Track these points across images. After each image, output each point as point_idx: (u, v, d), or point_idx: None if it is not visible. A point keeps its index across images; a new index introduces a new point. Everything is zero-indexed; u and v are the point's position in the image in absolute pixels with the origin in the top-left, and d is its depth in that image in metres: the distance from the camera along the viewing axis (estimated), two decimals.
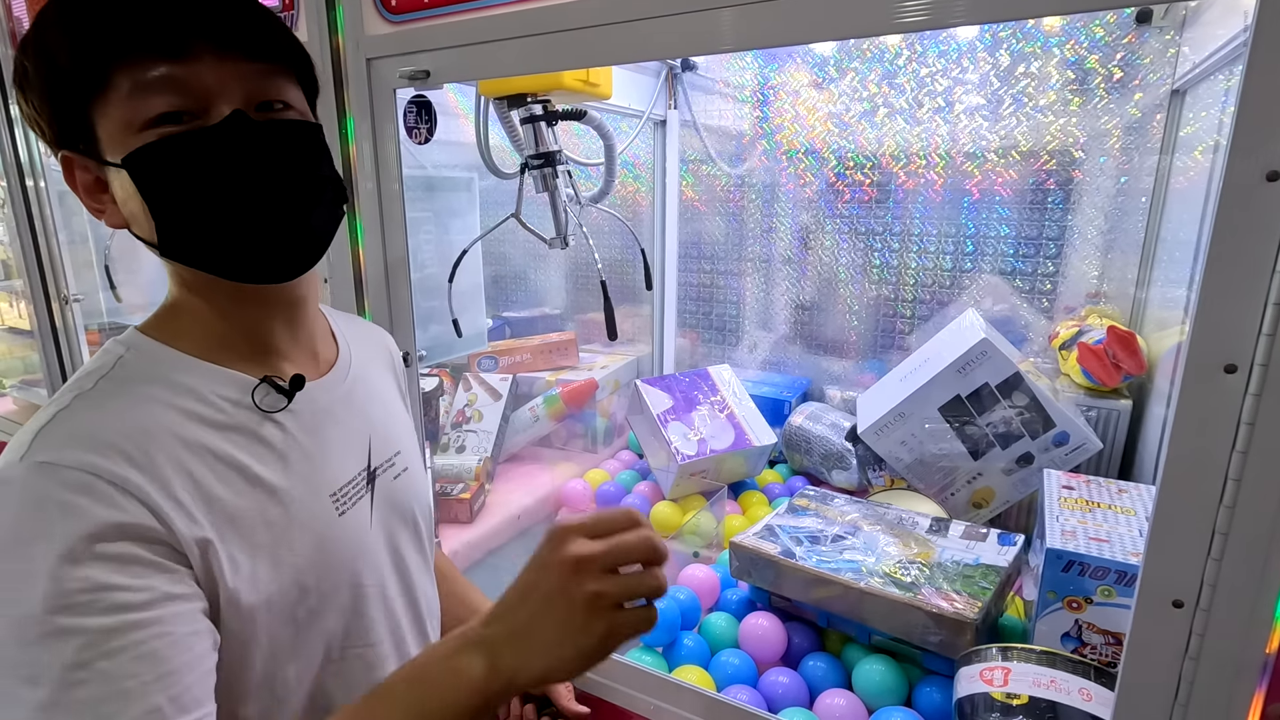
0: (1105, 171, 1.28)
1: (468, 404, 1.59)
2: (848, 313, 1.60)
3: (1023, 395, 1.11)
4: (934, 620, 0.86)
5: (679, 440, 1.42)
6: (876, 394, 1.33)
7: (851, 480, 1.42)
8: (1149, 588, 0.56)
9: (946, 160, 1.41)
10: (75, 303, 1.52)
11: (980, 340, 1.12)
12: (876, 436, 1.23)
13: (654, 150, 1.72)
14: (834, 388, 1.65)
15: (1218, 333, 0.50)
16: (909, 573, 0.93)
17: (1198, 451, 0.52)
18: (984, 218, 1.40)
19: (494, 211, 1.90)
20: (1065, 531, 0.84)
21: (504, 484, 1.54)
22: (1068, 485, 0.97)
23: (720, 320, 1.78)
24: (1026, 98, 1.31)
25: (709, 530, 1.32)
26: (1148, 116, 1.23)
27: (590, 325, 1.91)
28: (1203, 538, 0.53)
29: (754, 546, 1.02)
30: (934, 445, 1.19)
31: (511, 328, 1.89)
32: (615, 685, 0.91)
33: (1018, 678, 0.74)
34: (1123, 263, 1.30)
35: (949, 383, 1.15)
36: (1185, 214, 1.11)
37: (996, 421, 1.13)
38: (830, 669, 0.95)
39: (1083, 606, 0.81)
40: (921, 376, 1.19)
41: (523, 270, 1.94)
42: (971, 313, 1.27)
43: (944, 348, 1.21)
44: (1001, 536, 1.01)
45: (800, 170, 1.58)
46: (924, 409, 1.18)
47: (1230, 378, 0.50)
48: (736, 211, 1.68)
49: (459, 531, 1.35)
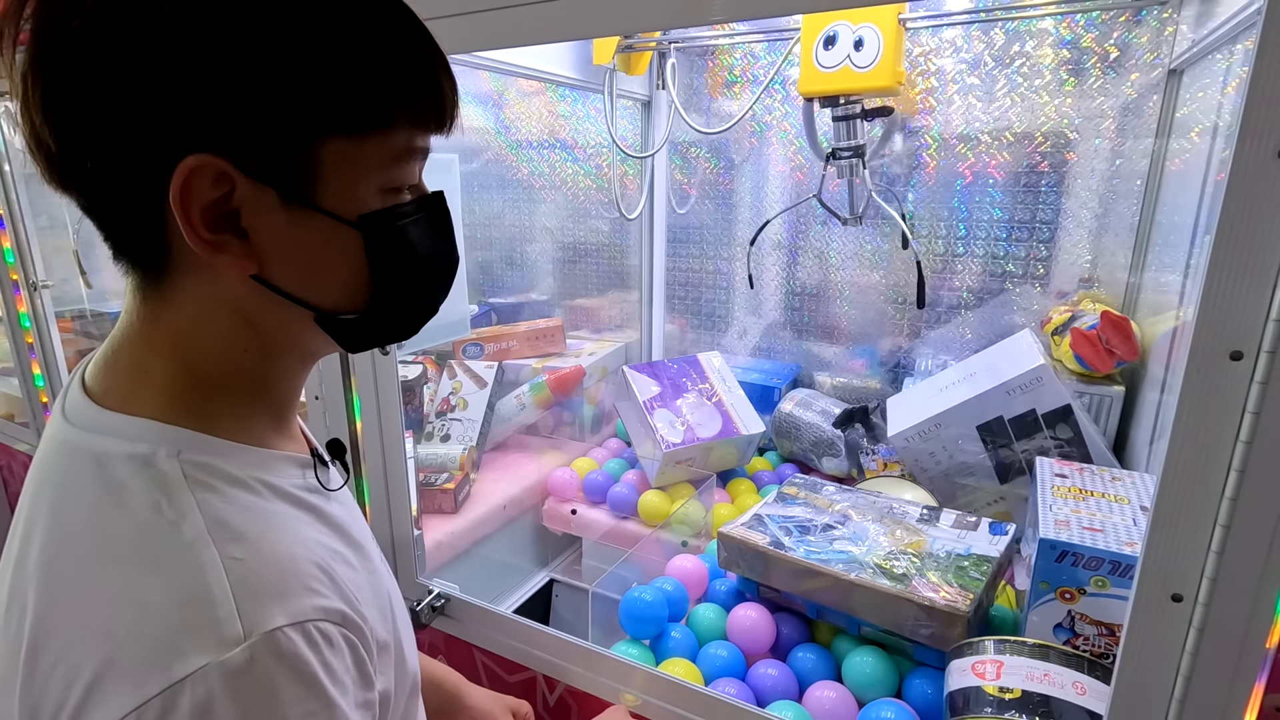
0: (1100, 154, 1.26)
1: (452, 392, 1.56)
2: (839, 298, 1.58)
3: (1067, 429, 1.08)
4: (925, 612, 0.85)
5: (665, 428, 1.40)
6: (910, 399, 1.29)
7: (841, 467, 1.40)
8: (1147, 581, 0.54)
9: (939, 142, 1.38)
10: (44, 289, 1.47)
11: (1038, 365, 1.08)
12: (906, 443, 1.21)
13: (641, 132, 1.69)
14: (824, 374, 1.63)
15: (1224, 318, 0.48)
16: (899, 563, 0.92)
17: (1201, 441, 0.50)
18: (976, 201, 1.38)
19: (476, 195, 1.87)
20: (1058, 521, 0.83)
21: (490, 473, 1.52)
22: (1061, 473, 0.96)
23: (709, 306, 1.76)
24: (1021, 78, 1.29)
25: (697, 519, 1.31)
26: (1144, 97, 1.20)
27: (578, 311, 1.88)
28: (1204, 530, 0.52)
29: (742, 537, 1.00)
30: (963, 461, 1.17)
31: (497, 314, 1.86)
32: (601, 679, 0.89)
33: (1010, 671, 0.72)
34: (1116, 247, 1.29)
35: (995, 402, 1.12)
36: (1181, 197, 1.09)
37: (1033, 450, 1.11)
38: (820, 661, 0.93)
39: (1076, 597, 0.80)
40: (966, 390, 1.15)
41: (509, 255, 1.91)
42: (1028, 333, 1.23)
43: (995, 365, 1.17)
44: (993, 525, 1.00)
45: (791, 154, 1.55)
46: (963, 424, 1.15)
47: (1236, 365, 0.48)
48: (726, 195, 1.65)
49: (443, 522, 1.33)
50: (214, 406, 0.45)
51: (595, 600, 1.03)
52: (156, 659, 0.36)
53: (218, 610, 0.37)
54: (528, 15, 0.71)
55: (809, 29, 1.20)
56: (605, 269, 1.82)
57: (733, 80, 1.57)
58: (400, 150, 0.44)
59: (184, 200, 0.39)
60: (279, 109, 0.39)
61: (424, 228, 0.47)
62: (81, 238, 1.82)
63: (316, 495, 0.49)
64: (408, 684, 0.53)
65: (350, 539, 0.49)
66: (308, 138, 0.40)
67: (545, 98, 1.74)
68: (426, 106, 0.44)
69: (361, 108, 0.41)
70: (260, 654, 0.37)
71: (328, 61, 0.39)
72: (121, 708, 0.35)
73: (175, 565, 0.39)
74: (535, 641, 0.95)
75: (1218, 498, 0.51)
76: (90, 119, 0.38)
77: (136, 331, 0.45)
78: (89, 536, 0.40)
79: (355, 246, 0.44)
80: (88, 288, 1.80)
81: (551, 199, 1.81)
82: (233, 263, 0.41)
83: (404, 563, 1.04)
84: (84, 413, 0.44)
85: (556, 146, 1.76)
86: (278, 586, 0.40)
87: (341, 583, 0.43)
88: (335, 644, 0.41)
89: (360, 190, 0.43)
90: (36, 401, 1.58)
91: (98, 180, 0.40)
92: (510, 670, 1.00)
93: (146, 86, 0.37)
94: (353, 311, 0.46)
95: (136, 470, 0.41)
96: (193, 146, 0.38)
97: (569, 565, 1.59)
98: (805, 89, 1.24)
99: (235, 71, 0.38)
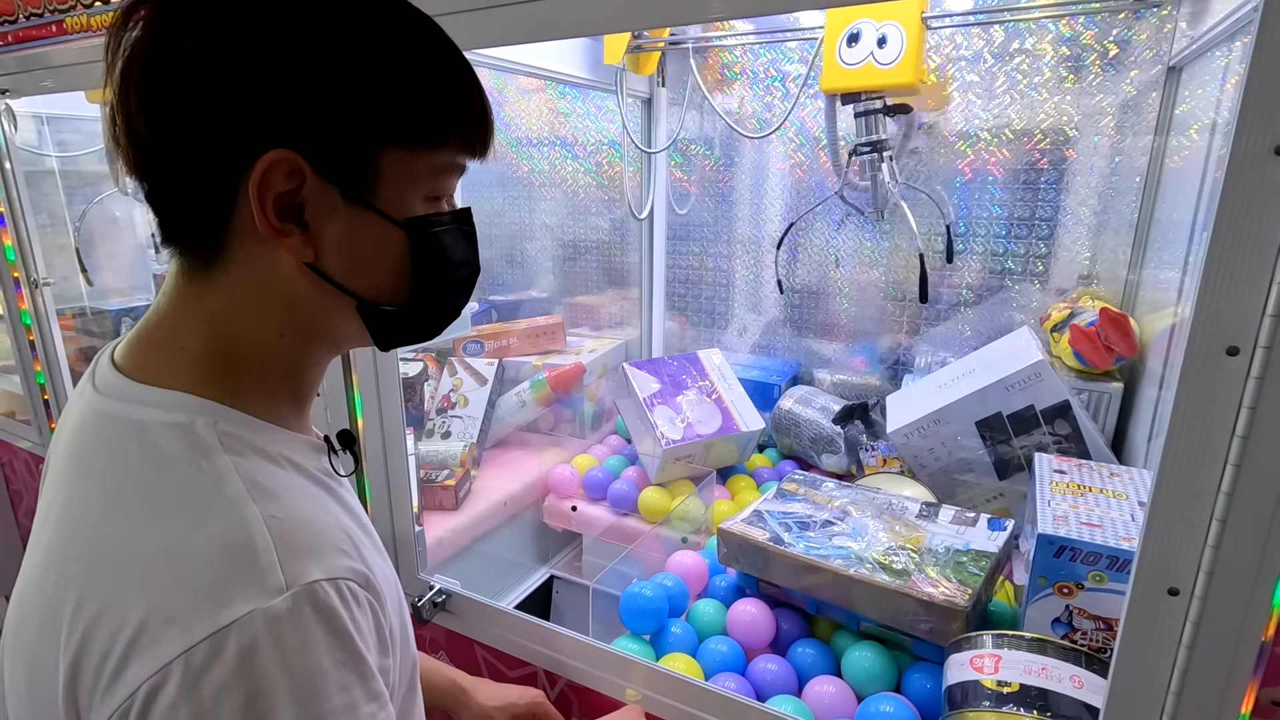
0: (1099, 151, 1.26)
1: (453, 389, 1.57)
2: (838, 295, 1.58)
3: (1066, 425, 1.09)
4: (924, 607, 0.85)
5: (665, 424, 1.40)
6: (909, 396, 1.30)
7: (841, 464, 1.41)
8: (1144, 575, 0.55)
9: (939, 139, 1.39)
10: (45, 286, 1.47)
11: (1036, 361, 1.09)
12: (905, 439, 1.21)
13: (641, 129, 1.69)
14: (824, 371, 1.64)
15: (1221, 314, 0.48)
16: (899, 559, 0.92)
17: (1198, 436, 0.51)
18: (976, 198, 1.38)
19: (476, 192, 1.87)
20: (1057, 516, 0.83)
21: (490, 470, 1.52)
22: (1059, 469, 0.96)
23: (709, 303, 1.76)
24: (1020, 75, 1.29)
25: (697, 515, 1.31)
26: (1143, 95, 1.21)
27: (578, 308, 1.88)
28: (1200, 525, 0.52)
29: (742, 533, 1.01)
30: (962, 457, 1.17)
31: (498, 311, 1.86)
32: (602, 674, 0.90)
33: (1008, 665, 0.73)
34: (1115, 244, 1.29)
35: (994, 398, 1.12)
36: (1179, 195, 1.09)
37: (1031, 446, 1.11)
38: (819, 656, 0.94)
39: (1074, 592, 0.80)
40: (966, 386, 1.16)
41: (509, 253, 1.91)
42: (1026, 330, 1.24)
43: (994, 361, 1.18)
44: (991, 521, 1.00)
45: (791, 150, 1.55)
46: (962, 420, 1.16)
47: (1232, 360, 0.48)
48: (726, 192, 1.66)
49: (444, 518, 1.33)
50: (244, 386, 0.48)
51: (596, 596, 1.03)
52: (204, 605, 0.38)
53: (261, 560, 0.40)
54: (523, 13, 0.71)
55: (832, 26, 1.22)
56: (605, 266, 1.82)
57: (732, 78, 1.57)
58: (445, 165, 0.50)
59: (261, 188, 0.43)
60: (354, 117, 0.44)
61: (456, 237, 0.53)
62: (82, 235, 1.82)
63: (330, 479, 0.52)
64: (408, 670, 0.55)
65: (360, 523, 0.53)
66: (373, 145, 0.46)
67: (545, 95, 1.75)
68: (474, 129, 0.50)
69: (421, 124, 0.47)
70: (300, 603, 0.39)
71: (397, 81, 0.45)
72: (170, 651, 0.37)
73: (220, 519, 0.41)
74: (536, 637, 0.95)
75: (1214, 492, 0.51)
76: (187, 117, 0.42)
77: (175, 311, 0.48)
78: (131, 495, 0.43)
79: (400, 245, 0.49)
80: (88, 285, 1.80)
81: (551, 196, 1.82)
82: (293, 249, 0.46)
83: (405, 559, 1.04)
84: (118, 386, 0.47)
85: (556, 144, 1.76)
86: (313, 544, 0.43)
87: (363, 552, 0.46)
88: (361, 604, 0.43)
89: (409, 196, 0.48)
90: (38, 399, 1.58)
91: (181, 169, 0.44)
92: (511, 665, 1.01)
93: (241, 92, 0.42)
94: (391, 304, 0.51)
95: (176, 436, 0.44)
96: (274, 143, 0.43)
97: (569, 562, 1.59)
98: (828, 85, 1.25)
99: (320, 82, 0.43)
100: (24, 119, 1.67)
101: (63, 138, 1.85)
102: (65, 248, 1.79)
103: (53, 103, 1.79)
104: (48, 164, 1.82)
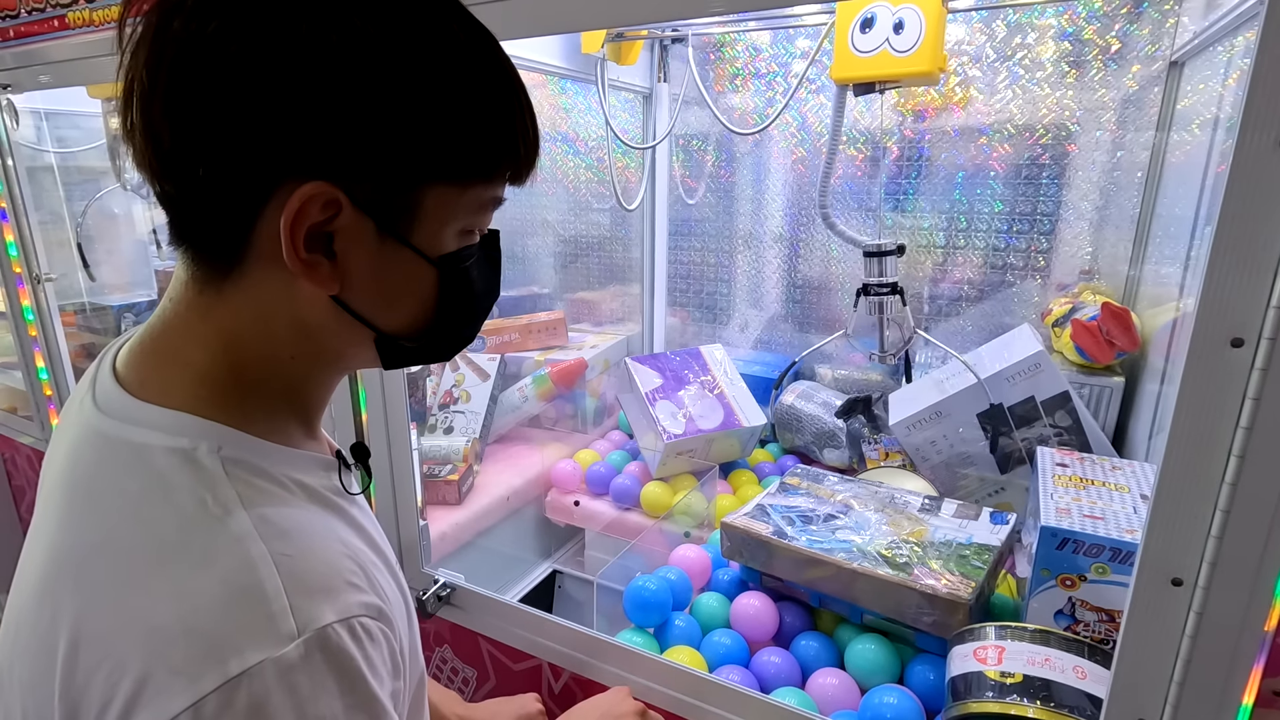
0: (1100, 146, 1.27)
1: (455, 384, 1.57)
2: (840, 291, 1.58)
3: (1066, 416, 1.10)
4: (927, 600, 0.86)
5: (666, 419, 1.40)
6: (911, 392, 1.31)
7: (843, 459, 1.41)
8: (1148, 566, 0.55)
9: (940, 135, 1.39)
10: (48, 282, 1.47)
11: (1036, 351, 1.10)
12: (908, 432, 1.22)
13: (641, 125, 1.69)
14: (825, 366, 1.64)
15: (1225, 306, 0.49)
16: (901, 552, 0.93)
17: (1201, 427, 0.51)
18: (977, 193, 1.39)
19: None
20: (1059, 509, 0.83)
21: (493, 465, 1.53)
22: (1061, 463, 0.97)
23: (711, 299, 1.76)
24: (1022, 70, 1.29)
25: (700, 510, 1.32)
26: (1145, 90, 1.21)
27: (580, 304, 1.89)
28: (1204, 515, 0.52)
29: (745, 526, 1.01)
30: (965, 450, 1.18)
31: (499, 307, 1.86)
32: (606, 667, 0.90)
33: (1012, 656, 0.73)
34: (1117, 239, 1.29)
35: (994, 389, 1.13)
36: (1181, 190, 1.10)
37: (1033, 438, 1.12)
38: (822, 648, 0.94)
39: (1076, 584, 0.81)
40: (967, 379, 1.17)
41: (511, 249, 1.91)
42: (1027, 328, 1.25)
43: (994, 354, 1.19)
44: (994, 515, 1.01)
45: (793, 146, 1.55)
46: (963, 412, 1.16)
47: (1237, 352, 0.49)
48: (728, 188, 1.66)
49: (447, 513, 1.34)
50: (250, 406, 0.46)
51: (600, 591, 1.04)
52: (212, 655, 0.36)
53: (271, 605, 0.38)
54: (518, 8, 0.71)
55: (844, 12, 1.12)
56: (607, 262, 1.82)
57: (736, 74, 1.57)
58: (489, 200, 0.47)
59: (295, 223, 0.40)
60: (401, 151, 0.41)
61: (483, 267, 0.50)
62: (83, 231, 1.82)
63: (341, 498, 0.50)
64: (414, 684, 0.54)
65: (372, 541, 0.50)
66: (418, 180, 0.43)
67: (546, 90, 1.74)
68: (525, 162, 0.47)
69: (474, 160, 0.44)
70: (313, 649, 0.38)
71: (455, 115, 0.42)
72: (177, 705, 0.35)
73: (226, 560, 0.38)
74: (541, 630, 0.96)
75: (1218, 483, 0.51)
76: (217, 128, 0.38)
77: (182, 322, 0.45)
78: (130, 531, 0.40)
79: (430, 282, 0.47)
80: (90, 280, 1.80)
81: (553, 192, 1.82)
82: (319, 281, 0.43)
83: (410, 553, 1.05)
84: (118, 402, 0.44)
85: (557, 139, 1.76)
86: (325, 582, 0.40)
87: (375, 580, 0.44)
88: (375, 638, 0.42)
89: (445, 231, 0.46)
90: (40, 395, 1.58)
91: (204, 181, 0.40)
92: (516, 659, 1.01)
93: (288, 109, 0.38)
94: (411, 338, 0.48)
95: (179, 465, 0.41)
96: (310, 172, 0.39)
97: (572, 556, 1.60)
98: (839, 74, 1.15)
99: (373, 110, 0.39)
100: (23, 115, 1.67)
101: (61, 134, 1.85)
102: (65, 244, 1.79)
103: (51, 99, 1.79)
104: (46, 160, 1.81)
